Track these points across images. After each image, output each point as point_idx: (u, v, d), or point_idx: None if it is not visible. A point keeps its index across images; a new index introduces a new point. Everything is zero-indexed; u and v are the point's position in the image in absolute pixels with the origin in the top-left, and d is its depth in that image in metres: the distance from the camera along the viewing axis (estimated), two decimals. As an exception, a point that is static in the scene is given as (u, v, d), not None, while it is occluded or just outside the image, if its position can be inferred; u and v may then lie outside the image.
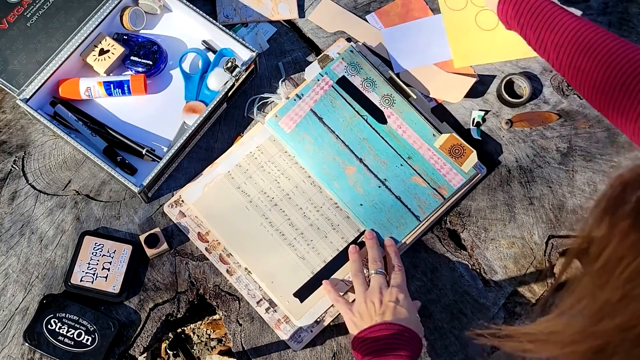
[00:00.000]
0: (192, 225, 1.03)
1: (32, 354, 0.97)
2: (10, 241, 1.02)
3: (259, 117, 1.08)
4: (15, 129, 1.08)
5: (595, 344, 0.44)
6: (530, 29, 0.93)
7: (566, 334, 0.46)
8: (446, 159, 1.04)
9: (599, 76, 0.82)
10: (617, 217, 0.43)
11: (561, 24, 0.89)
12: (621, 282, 0.42)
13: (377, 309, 0.92)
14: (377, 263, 0.97)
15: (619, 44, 0.83)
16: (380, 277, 0.96)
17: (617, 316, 0.42)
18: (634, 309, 0.41)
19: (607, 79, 0.81)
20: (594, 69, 0.83)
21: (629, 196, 0.42)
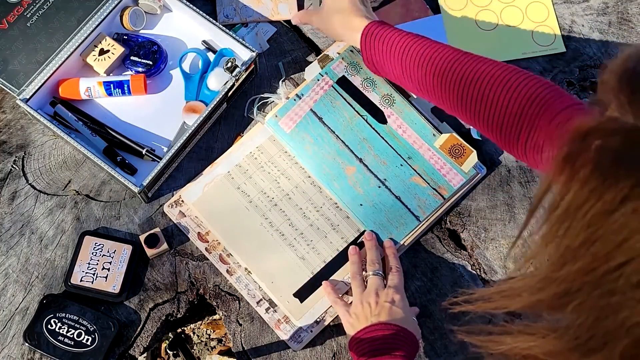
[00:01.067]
0: (192, 225, 1.03)
1: (32, 354, 0.97)
2: (10, 241, 1.02)
3: (259, 117, 1.08)
4: (15, 129, 1.08)
5: (559, 290, 0.46)
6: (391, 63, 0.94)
7: (533, 283, 0.48)
8: (446, 159, 1.04)
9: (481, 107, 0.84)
10: (576, 165, 0.44)
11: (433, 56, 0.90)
12: (582, 227, 0.43)
13: (372, 309, 0.92)
14: (374, 264, 0.97)
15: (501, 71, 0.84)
16: (377, 278, 0.96)
17: (578, 260, 0.44)
18: (594, 252, 0.43)
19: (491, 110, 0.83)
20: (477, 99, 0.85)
21: (588, 145, 0.43)
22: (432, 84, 0.89)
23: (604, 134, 0.43)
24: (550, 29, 1.15)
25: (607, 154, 0.42)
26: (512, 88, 0.82)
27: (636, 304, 0.41)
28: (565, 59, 1.13)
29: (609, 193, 0.41)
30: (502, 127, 0.83)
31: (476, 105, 0.85)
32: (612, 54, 1.13)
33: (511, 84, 0.82)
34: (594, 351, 0.45)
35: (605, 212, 0.42)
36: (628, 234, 0.40)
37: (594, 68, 1.13)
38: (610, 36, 1.15)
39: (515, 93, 0.81)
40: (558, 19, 1.15)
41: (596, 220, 0.42)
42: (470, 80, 0.85)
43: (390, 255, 0.99)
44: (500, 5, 1.17)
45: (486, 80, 0.84)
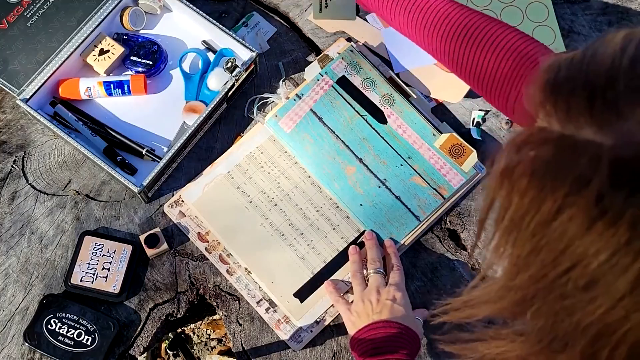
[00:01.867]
0: (192, 225, 1.03)
1: (32, 354, 0.97)
2: (10, 241, 1.02)
3: (259, 117, 1.08)
4: (15, 129, 1.08)
5: (516, 297, 0.47)
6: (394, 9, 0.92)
7: (493, 293, 0.50)
8: (446, 158, 1.04)
9: (477, 64, 0.84)
10: (514, 177, 0.45)
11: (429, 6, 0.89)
12: (527, 237, 0.45)
13: (374, 307, 0.92)
14: (375, 263, 0.97)
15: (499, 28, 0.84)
16: (378, 276, 0.96)
17: (529, 268, 0.45)
18: (542, 260, 0.44)
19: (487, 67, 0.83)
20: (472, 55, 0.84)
21: (523, 157, 0.45)
22: (423, 36, 0.89)
23: (536, 144, 0.44)
24: (550, 29, 1.15)
25: (541, 163, 0.43)
26: (500, 46, 0.81)
27: (586, 305, 0.42)
28: (565, 59, 1.13)
29: (547, 203, 0.42)
30: (493, 87, 0.83)
31: (466, 63, 0.85)
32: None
33: (499, 42, 0.82)
34: (558, 352, 0.46)
35: (545, 221, 0.43)
36: (569, 240, 0.42)
37: (594, 68, 1.13)
38: (610, 36, 1.14)
39: (503, 51, 0.81)
40: (558, 19, 1.15)
41: (539, 229, 0.43)
42: (459, 36, 0.85)
43: (391, 253, 0.99)
44: (500, 5, 1.17)
45: (478, 38, 0.83)
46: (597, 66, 0.43)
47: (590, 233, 0.40)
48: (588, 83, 0.43)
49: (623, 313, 0.40)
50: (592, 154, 0.40)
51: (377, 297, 0.93)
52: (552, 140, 0.43)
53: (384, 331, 0.89)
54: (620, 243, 0.39)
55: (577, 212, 0.41)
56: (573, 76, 0.44)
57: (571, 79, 0.44)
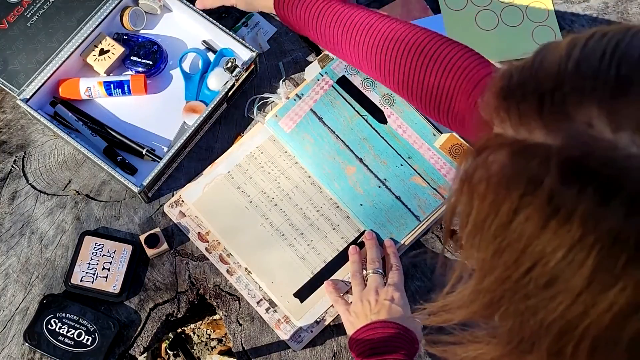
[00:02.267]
0: (192, 225, 1.03)
1: (32, 354, 0.97)
2: (10, 241, 1.02)
3: (259, 117, 1.08)
4: (15, 129, 1.08)
5: (485, 300, 0.48)
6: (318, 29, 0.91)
7: (464, 297, 0.51)
8: (446, 158, 1.04)
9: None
10: (474, 182, 0.46)
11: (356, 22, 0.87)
12: (489, 240, 0.46)
13: (372, 307, 0.92)
14: (375, 263, 0.98)
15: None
16: (377, 276, 0.96)
17: (494, 271, 0.46)
18: (505, 261, 0.45)
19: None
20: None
21: (481, 162, 0.46)
22: (363, 56, 0.88)
23: (493, 149, 0.45)
24: (550, 29, 1.15)
25: (497, 168, 0.44)
26: (430, 56, 0.81)
27: (548, 303, 0.43)
28: (565, 59, 1.13)
29: (504, 205, 0.44)
30: (422, 98, 0.83)
31: (409, 81, 0.84)
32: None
33: (431, 52, 0.82)
34: (526, 352, 0.47)
35: (504, 223, 0.44)
36: (527, 240, 0.43)
37: (594, 68, 1.13)
38: (610, 36, 1.14)
39: (433, 63, 0.81)
40: (558, 19, 1.15)
41: (499, 231, 0.45)
42: (387, 47, 0.84)
43: (391, 254, 0.99)
44: (500, 5, 1.17)
45: (407, 48, 0.83)
46: (545, 71, 0.44)
47: (545, 231, 0.41)
48: (537, 87, 0.44)
49: (582, 308, 0.41)
50: (543, 156, 0.42)
51: (376, 298, 0.93)
52: (507, 145, 0.45)
53: (382, 331, 0.89)
54: (574, 239, 0.40)
55: (532, 211, 0.42)
56: (524, 82, 0.45)
57: (522, 84, 0.45)
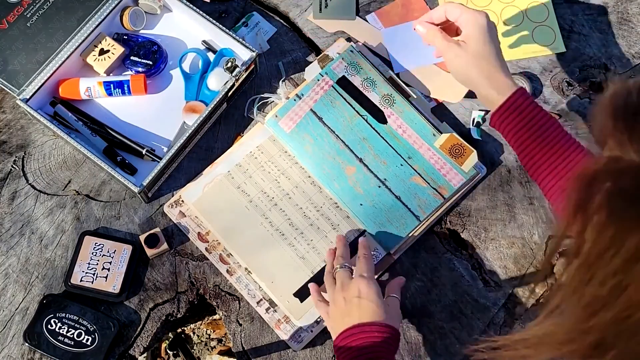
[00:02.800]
0: (192, 225, 1.03)
1: (32, 354, 0.97)
2: (10, 241, 1.02)
3: (259, 117, 1.08)
4: (15, 129, 1.08)
5: (592, 340, 0.44)
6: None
7: (560, 334, 0.46)
8: (446, 158, 1.04)
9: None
10: (589, 212, 0.42)
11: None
12: (608, 276, 0.42)
13: (343, 308, 0.88)
14: (339, 258, 0.93)
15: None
16: (342, 271, 0.92)
17: (609, 309, 0.42)
18: (626, 300, 0.41)
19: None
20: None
21: (597, 190, 0.42)
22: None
23: (612, 176, 0.41)
24: (550, 29, 1.15)
25: (620, 196, 0.40)
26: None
27: None
28: (565, 59, 1.13)
29: (632, 238, 0.39)
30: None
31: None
32: (612, 54, 1.14)
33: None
34: None
35: (632, 258, 0.40)
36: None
37: (594, 68, 1.13)
38: (610, 36, 1.15)
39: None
40: (558, 19, 1.15)
41: (623, 267, 0.40)
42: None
43: (360, 246, 0.95)
44: (500, 5, 1.17)
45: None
46: None
47: None
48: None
49: None
50: None
51: (343, 295, 0.89)
52: (631, 171, 0.40)
53: (359, 337, 0.85)
54: None
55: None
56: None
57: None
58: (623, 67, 1.13)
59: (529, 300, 1.02)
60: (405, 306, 1.01)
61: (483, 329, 1.00)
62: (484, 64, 0.92)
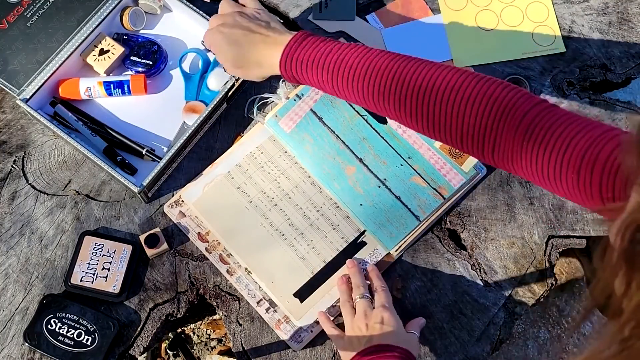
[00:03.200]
0: (192, 225, 1.03)
1: (32, 354, 0.97)
2: (10, 241, 1.02)
3: (259, 117, 1.08)
4: (15, 129, 1.08)
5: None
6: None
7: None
8: (446, 158, 1.04)
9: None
10: (636, 266, 0.40)
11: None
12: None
13: (364, 333, 0.91)
14: (360, 288, 0.96)
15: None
16: (364, 301, 0.95)
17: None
18: None
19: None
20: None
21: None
22: (378, 99, 0.83)
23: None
24: (550, 29, 1.15)
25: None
26: (467, 96, 0.76)
27: None
28: (565, 59, 1.13)
29: None
30: (463, 139, 0.78)
31: (429, 116, 0.79)
32: (612, 54, 1.14)
33: (468, 91, 0.77)
34: None
35: None
36: None
37: (594, 68, 1.13)
38: (610, 36, 1.15)
39: (472, 102, 0.76)
40: (558, 19, 1.15)
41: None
42: (418, 89, 0.79)
43: (374, 277, 0.98)
44: (500, 5, 1.17)
45: (436, 88, 0.78)
46: None
47: None
48: None
49: None
50: None
51: (366, 322, 0.92)
52: None
53: (376, 356, 0.86)
54: None
55: None
56: None
57: None
58: (623, 67, 1.13)
59: (529, 300, 1.02)
60: (405, 306, 1.01)
61: (483, 329, 1.00)
62: (241, 63, 0.93)
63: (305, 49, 0.87)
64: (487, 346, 1.00)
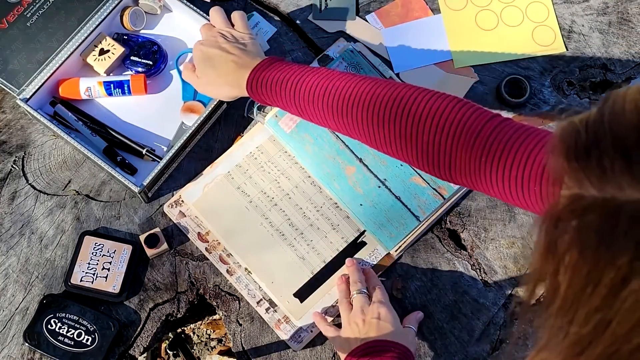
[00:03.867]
0: (192, 225, 1.03)
1: (32, 354, 0.97)
2: (10, 241, 1.02)
3: (259, 117, 1.08)
4: (15, 129, 1.08)
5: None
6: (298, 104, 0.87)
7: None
8: (446, 159, 1.04)
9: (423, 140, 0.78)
10: (559, 252, 0.42)
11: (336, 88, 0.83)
12: (589, 313, 0.42)
13: (360, 329, 0.91)
14: (357, 284, 0.96)
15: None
16: (361, 296, 0.95)
17: (596, 345, 0.42)
18: (611, 334, 0.41)
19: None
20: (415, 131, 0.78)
21: (564, 230, 0.42)
22: (341, 122, 0.84)
23: (576, 214, 0.42)
24: (550, 29, 1.15)
25: (589, 233, 0.40)
26: (419, 113, 0.77)
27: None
28: (565, 59, 1.13)
29: (607, 274, 0.40)
30: (418, 157, 0.79)
31: (384, 136, 0.80)
32: (612, 54, 1.14)
33: (420, 108, 0.77)
34: None
35: (610, 292, 0.40)
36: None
37: (594, 68, 1.13)
38: (610, 36, 1.15)
39: (424, 119, 0.76)
40: (558, 19, 1.15)
41: (603, 303, 0.40)
42: (373, 107, 0.80)
43: (370, 275, 0.99)
44: (500, 5, 1.17)
45: (389, 106, 0.79)
46: (622, 124, 0.41)
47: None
48: (618, 142, 0.40)
49: None
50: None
51: (363, 318, 0.92)
52: (595, 207, 0.41)
53: (373, 350, 0.87)
54: None
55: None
56: (597, 138, 0.42)
57: (596, 141, 0.41)
58: (623, 67, 1.13)
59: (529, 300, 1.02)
60: (405, 306, 1.01)
61: (483, 329, 1.00)
62: (212, 81, 0.96)
63: (271, 70, 0.89)
64: (487, 346, 1.00)
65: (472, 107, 0.76)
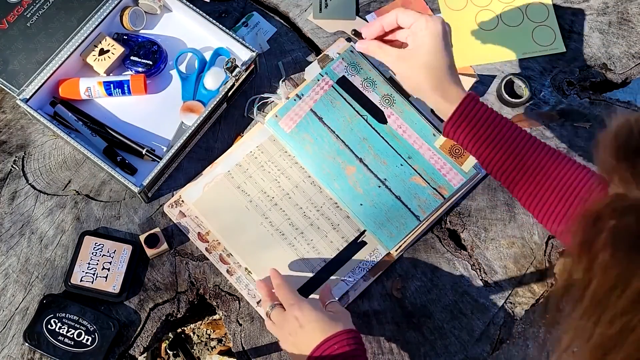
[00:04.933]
0: (192, 225, 1.03)
1: (32, 354, 0.97)
2: (10, 241, 1.02)
3: (259, 117, 1.08)
4: (15, 129, 1.08)
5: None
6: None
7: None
8: (446, 158, 1.04)
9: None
10: (593, 251, 0.42)
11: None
12: (616, 315, 0.41)
13: (295, 343, 0.86)
14: (265, 303, 0.92)
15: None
16: (274, 311, 0.90)
17: (620, 349, 0.42)
18: (635, 340, 0.41)
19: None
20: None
21: (602, 228, 0.42)
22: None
23: (616, 213, 0.41)
24: (550, 29, 1.15)
25: (625, 234, 0.40)
26: (548, 177, 0.82)
27: None
28: (565, 59, 1.13)
29: (637, 278, 0.39)
30: (540, 210, 0.83)
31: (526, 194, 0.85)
32: (612, 54, 1.14)
33: (550, 173, 0.82)
34: None
35: (638, 298, 0.39)
36: None
37: (594, 68, 1.13)
38: (610, 36, 1.15)
39: (551, 184, 0.81)
40: (558, 19, 1.15)
41: (630, 307, 0.40)
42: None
43: (273, 280, 0.93)
44: (500, 5, 1.17)
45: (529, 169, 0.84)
46: None
47: None
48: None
49: None
50: None
51: (288, 331, 0.87)
52: (635, 209, 0.40)
53: (328, 351, 0.83)
54: None
55: None
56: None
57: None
58: (623, 67, 1.13)
59: (529, 300, 1.02)
60: (405, 306, 1.01)
61: (483, 329, 1.00)
62: (435, 74, 0.87)
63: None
64: (487, 346, 1.00)
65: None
